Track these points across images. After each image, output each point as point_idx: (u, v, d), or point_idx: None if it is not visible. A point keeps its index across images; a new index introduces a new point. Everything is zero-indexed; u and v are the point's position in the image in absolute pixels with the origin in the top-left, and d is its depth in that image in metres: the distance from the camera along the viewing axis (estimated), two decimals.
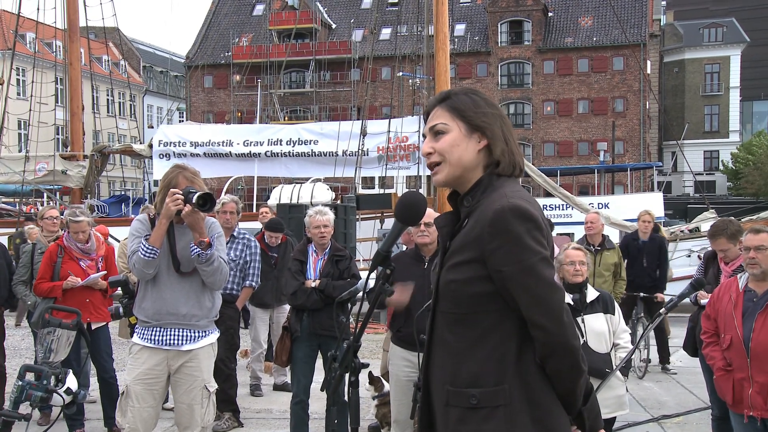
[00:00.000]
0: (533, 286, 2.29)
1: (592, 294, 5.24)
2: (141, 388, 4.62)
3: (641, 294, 9.76)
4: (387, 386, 6.71)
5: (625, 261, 9.64)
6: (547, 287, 2.31)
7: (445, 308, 2.40)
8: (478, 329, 2.35)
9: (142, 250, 4.50)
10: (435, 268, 2.56)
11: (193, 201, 4.42)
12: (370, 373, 6.80)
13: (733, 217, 8.10)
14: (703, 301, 5.93)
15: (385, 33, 50.32)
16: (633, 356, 9.49)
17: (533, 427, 2.31)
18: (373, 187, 26.85)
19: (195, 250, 4.52)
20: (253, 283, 7.57)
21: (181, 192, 4.49)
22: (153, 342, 4.65)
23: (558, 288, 2.34)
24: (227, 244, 7.44)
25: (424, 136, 2.55)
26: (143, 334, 4.69)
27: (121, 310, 5.47)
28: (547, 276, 2.31)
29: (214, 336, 4.86)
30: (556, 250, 4.69)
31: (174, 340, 4.65)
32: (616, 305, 5.37)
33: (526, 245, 2.28)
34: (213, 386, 4.82)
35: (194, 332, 4.69)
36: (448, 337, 2.39)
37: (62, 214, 8.10)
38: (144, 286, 4.71)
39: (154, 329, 4.65)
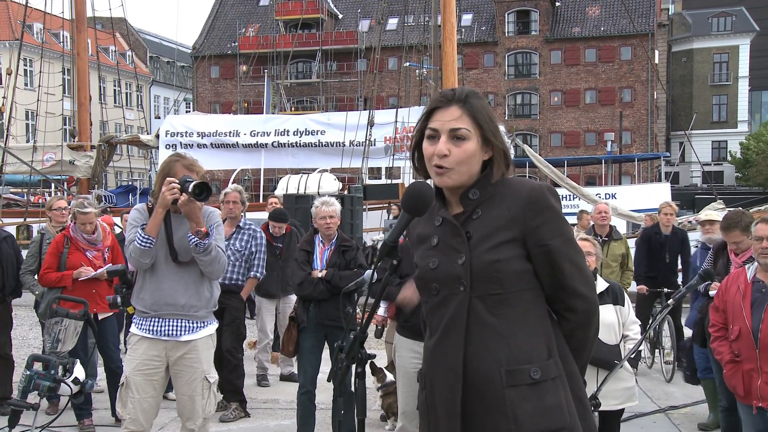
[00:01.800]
0: (575, 256, 2.47)
1: (601, 285, 5.20)
2: (141, 378, 4.59)
3: (665, 290, 9.14)
4: (390, 377, 6.71)
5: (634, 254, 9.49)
6: (583, 257, 2.52)
7: (487, 290, 2.41)
8: (520, 307, 2.42)
9: (138, 239, 4.46)
10: (436, 267, 2.51)
11: (189, 190, 4.37)
12: (371, 363, 6.77)
13: (743, 209, 8.04)
14: (713, 293, 5.90)
15: (392, 23, 50.17)
16: (657, 358, 9.40)
17: (572, 395, 2.43)
18: (380, 178, 26.84)
19: (193, 240, 4.47)
20: (258, 274, 7.58)
21: (177, 181, 4.45)
22: (151, 332, 4.61)
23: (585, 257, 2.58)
24: (233, 234, 7.46)
25: (433, 129, 2.49)
26: (141, 324, 4.65)
27: (119, 300, 5.47)
28: (580, 247, 2.54)
29: (212, 327, 4.82)
30: None
31: (172, 330, 4.61)
32: (626, 297, 5.34)
33: (564, 219, 2.48)
34: (213, 377, 4.78)
35: (193, 323, 4.65)
36: (491, 320, 2.41)
37: (69, 205, 8.12)
38: (142, 276, 4.66)
39: (153, 320, 4.61)
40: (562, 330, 2.48)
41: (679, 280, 9.56)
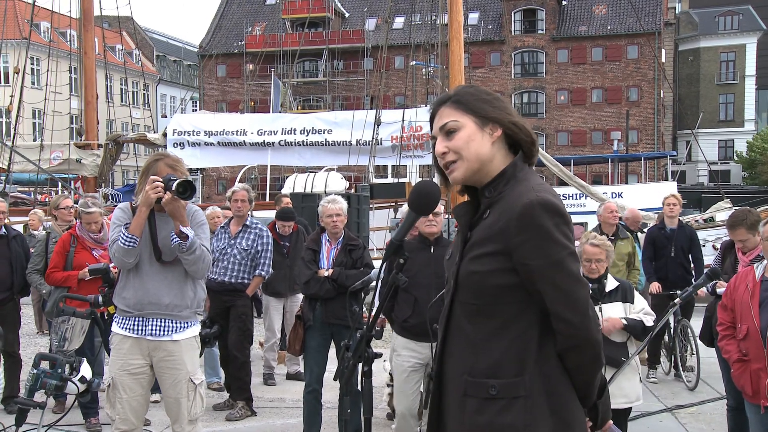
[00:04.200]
0: (560, 281, 2.29)
1: (611, 283, 5.23)
2: (127, 378, 4.56)
3: (677, 292, 8.16)
4: None
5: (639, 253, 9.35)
6: (573, 282, 2.31)
7: (465, 299, 2.38)
8: (498, 320, 2.34)
9: (122, 238, 4.42)
10: (450, 257, 2.54)
11: (173, 188, 4.33)
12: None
13: (750, 207, 7.92)
14: (720, 290, 5.88)
15: (399, 22, 50.13)
16: (674, 365, 9.15)
17: (551, 418, 2.31)
18: (386, 176, 26.83)
19: (175, 240, 4.43)
20: (263, 272, 7.57)
21: (161, 179, 4.41)
22: (134, 332, 4.57)
23: (584, 283, 2.37)
24: (239, 233, 7.47)
25: (433, 138, 2.51)
26: (124, 323, 4.61)
27: (100, 299, 5.44)
28: (574, 271, 2.32)
29: (196, 328, 4.77)
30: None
31: (155, 330, 4.56)
32: (636, 294, 5.35)
33: (554, 239, 2.28)
34: (199, 378, 4.73)
35: (176, 323, 4.61)
36: (467, 328, 2.38)
37: (77, 203, 8.14)
38: (125, 275, 4.62)
39: (136, 319, 4.57)
40: (556, 348, 2.36)
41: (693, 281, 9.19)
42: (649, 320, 5.17)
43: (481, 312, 2.35)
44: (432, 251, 5.45)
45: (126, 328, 4.60)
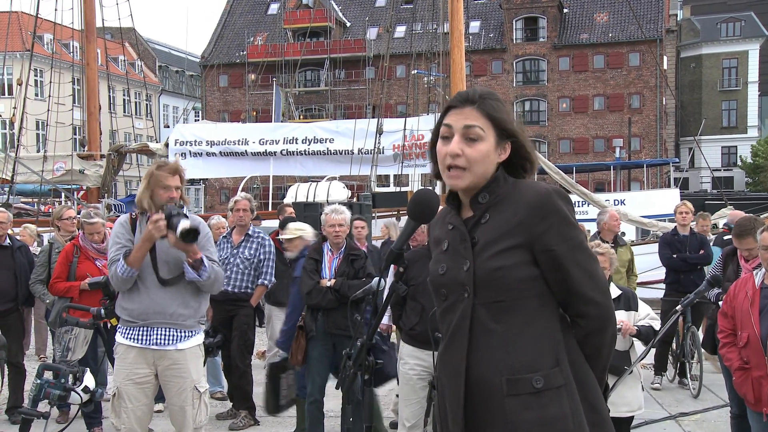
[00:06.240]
0: (584, 261, 2.40)
1: (614, 291, 5.22)
2: (132, 388, 4.60)
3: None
4: None
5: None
6: (594, 262, 2.44)
7: (490, 298, 2.38)
8: (525, 314, 2.38)
9: (120, 269, 4.47)
10: (445, 272, 2.50)
11: (178, 233, 4.35)
12: None
13: (752, 215, 7.89)
14: None
15: (400, 31, 50.20)
16: (679, 372, 9.16)
17: (583, 404, 2.37)
18: (388, 185, 26.83)
19: (191, 274, 4.49)
20: (266, 282, 7.57)
21: (163, 216, 4.43)
22: (138, 341, 4.61)
23: (599, 261, 2.52)
24: (242, 242, 7.48)
25: (448, 127, 2.44)
26: (128, 333, 4.65)
27: (102, 312, 5.47)
28: (592, 252, 2.47)
29: (200, 336, 4.81)
30: None
31: (160, 339, 4.60)
32: (639, 301, 5.35)
33: (573, 224, 2.40)
34: (203, 387, 4.77)
35: (180, 332, 4.64)
36: (495, 327, 2.38)
37: (80, 214, 8.17)
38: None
39: (140, 329, 4.60)
40: (575, 336, 2.44)
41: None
42: (657, 324, 5.18)
43: (509, 308, 2.37)
44: None
45: (130, 338, 4.64)
